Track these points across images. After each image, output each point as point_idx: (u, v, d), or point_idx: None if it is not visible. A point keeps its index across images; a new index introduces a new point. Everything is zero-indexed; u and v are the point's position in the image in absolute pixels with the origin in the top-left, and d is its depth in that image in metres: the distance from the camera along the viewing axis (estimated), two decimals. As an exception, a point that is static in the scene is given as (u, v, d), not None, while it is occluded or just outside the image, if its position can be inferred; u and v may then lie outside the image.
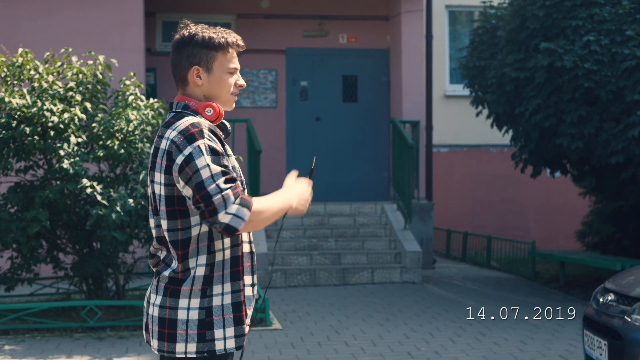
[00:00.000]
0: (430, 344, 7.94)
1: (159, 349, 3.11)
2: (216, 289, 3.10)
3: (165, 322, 3.08)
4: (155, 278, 3.19)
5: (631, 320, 5.40)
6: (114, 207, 8.03)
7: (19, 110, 8.24)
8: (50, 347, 7.82)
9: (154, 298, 3.13)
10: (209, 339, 3.07)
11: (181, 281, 3.09)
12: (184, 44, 3.23)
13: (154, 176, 3.14)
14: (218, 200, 2.99)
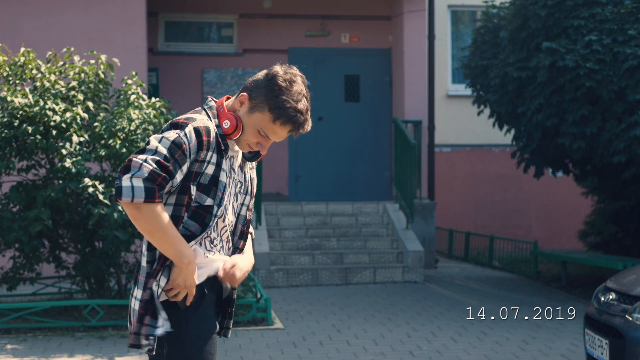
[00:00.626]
0: (432, 343, 7.94)
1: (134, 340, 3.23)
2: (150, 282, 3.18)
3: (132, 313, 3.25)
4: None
5: (632, 319, 5.40)
6: (115, 207, 8.04)
7: (21, 110, 8.25)
8: (52, 346, 7.83)
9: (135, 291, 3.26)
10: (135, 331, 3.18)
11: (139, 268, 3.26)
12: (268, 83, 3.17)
13: None
14: (135, 164, 3.01)
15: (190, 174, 3.15)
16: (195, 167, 3.14)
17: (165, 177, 3.03)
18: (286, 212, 12.52)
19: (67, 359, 7.36)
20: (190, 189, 3.16)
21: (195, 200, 3.17)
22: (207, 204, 3.17)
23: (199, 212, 3.18)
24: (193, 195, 3.16)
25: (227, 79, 14.24)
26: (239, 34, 14.36)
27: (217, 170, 3.17)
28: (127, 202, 3.00)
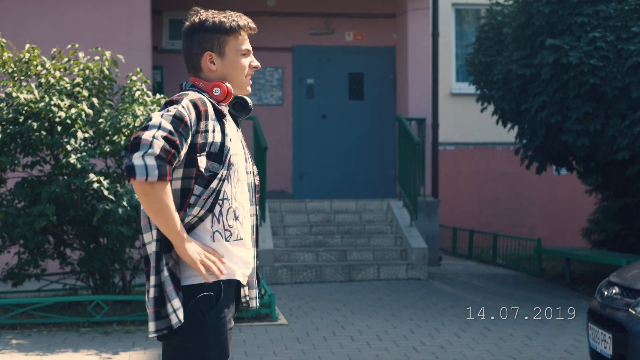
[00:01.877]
0: (435, 339, 7.96)
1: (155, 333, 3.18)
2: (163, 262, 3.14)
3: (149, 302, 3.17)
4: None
5: (635, 313, 5.42)
6: (120, 202, 8.07)
7: (26, 106, 8.28)
8: (57, 341, 7.86)
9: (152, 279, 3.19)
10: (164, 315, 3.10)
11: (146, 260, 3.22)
12: (195, 31, 3.26)
13: None
14: (145, 142, 2.97)
15: (195, 145, 3.11)
16: (198, 139, 3.11)
17: (174, 153, 3.02)
18: (290, 210, 12.54)
19: (71, 354, 7.39)
20: (198, 161, 3.11)
21: (207, 170, 3.13)
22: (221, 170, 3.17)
23: (213, 180, 3.16)
24: (202, 167, 3.12)
25: (231, 76, 14.24)
26: (245, 26, 14.35)
27: (223, 136, 3.17)
28: (141, 181, 2.96)
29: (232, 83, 3.30)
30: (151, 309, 3.09)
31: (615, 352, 5.49)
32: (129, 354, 7.40)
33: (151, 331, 3.11)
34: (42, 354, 7.36)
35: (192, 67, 3.29)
